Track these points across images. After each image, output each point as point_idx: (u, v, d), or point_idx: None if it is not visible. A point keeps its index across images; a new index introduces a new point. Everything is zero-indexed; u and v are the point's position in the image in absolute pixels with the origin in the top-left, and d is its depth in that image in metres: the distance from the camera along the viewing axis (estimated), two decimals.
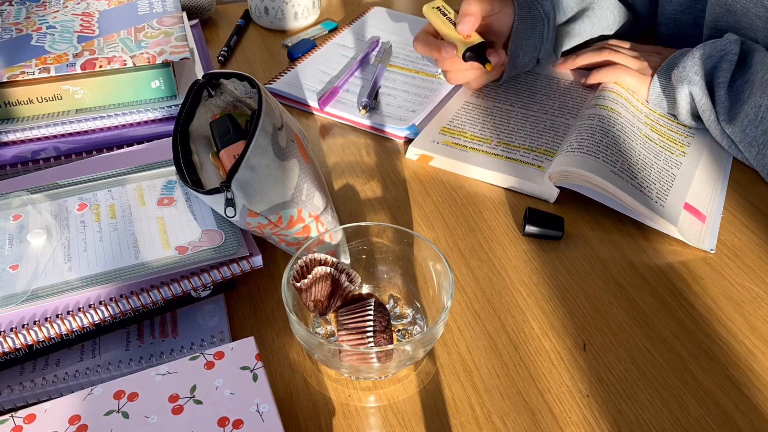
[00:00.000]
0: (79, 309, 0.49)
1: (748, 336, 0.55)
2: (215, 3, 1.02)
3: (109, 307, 0.50)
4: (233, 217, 0.53)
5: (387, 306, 0.54)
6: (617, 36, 0.87)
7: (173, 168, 0.60)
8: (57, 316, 0.49)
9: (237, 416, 0.43)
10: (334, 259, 0.53)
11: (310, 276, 0.50)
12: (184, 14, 0.78)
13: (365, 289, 0.57)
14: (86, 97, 0.67)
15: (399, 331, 0.54)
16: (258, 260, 0.55)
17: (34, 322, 0.48)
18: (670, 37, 0.87)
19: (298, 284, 0.51)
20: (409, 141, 0.76)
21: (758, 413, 0.50)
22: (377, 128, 0.78)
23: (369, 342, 0.49)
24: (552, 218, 0.64)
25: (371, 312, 0.50)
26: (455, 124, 0.77)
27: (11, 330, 0.48)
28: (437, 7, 0.78)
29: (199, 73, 0.73)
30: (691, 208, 0.65)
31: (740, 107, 0.68)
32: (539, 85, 0.83)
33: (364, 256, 0.57)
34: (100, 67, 0.66)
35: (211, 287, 0.55)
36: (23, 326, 0.48)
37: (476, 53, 0.73)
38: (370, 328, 0.49)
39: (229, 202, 0.52)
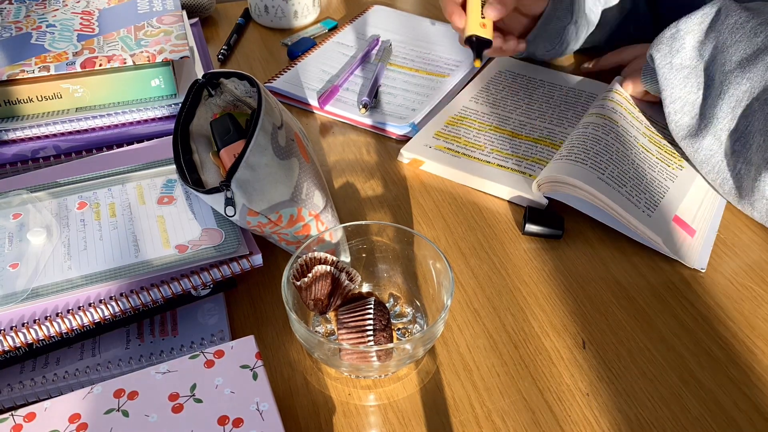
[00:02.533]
0: (79, 307, 0.49)
1: (747, 335, 0.55)
2: (215, 2, 1.02)
3: (109, 306, 0.50)
4: (233, 216, 0.53)
5: (387, 305, 0.54)
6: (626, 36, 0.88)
7: (173, 166, 0.60)
8: (57, 314, 0.49)
9: (237, 415, 0.43)
10: (334, 258, 0.53)
11: (310, 275, 0.50)
12: (184, 13, 0.78)
13: (365, 288, 0.57)
14: (86, 95, 0.67)
15: (399, 329, 0.54)
16: (258, 259, 0.55)
17: (34, 321, 0.48)
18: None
19: (298, 283, 0.51)
20: (407, 140, 0.76)
21: (758, 412, 0.50)
22: (377, 127, 0.78)
23: (369, 341, 0.49)
24: (552, 217, 0.64)
25: (371, 310, 0.50)
26: (450, 129, 0.76)
27: (11, 328, 0.48)
28: None
29: (199, 72, 0.73)
30: (681, 221, 0.63)
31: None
32: (541, 92, 0.82)
33: (364, 255, 0.57)
34: (100, 65, 0.66)
35: (211, 286, 0.55)
36: (23, 325, 0.48)
37: (477, 44, 0.73)
38: (370, 327, 0.49)
39: (229, 201, 0.52)
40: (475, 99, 0.81)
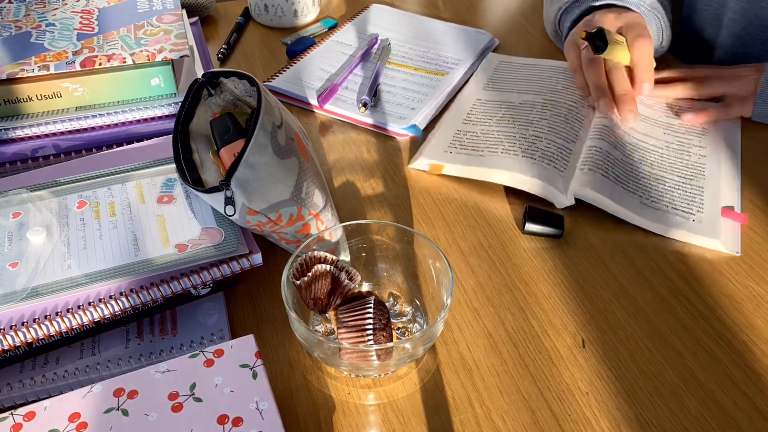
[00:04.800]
0: (78, 307, 0.49)
1: (747, 334, 0.55)
2: (215, 1, 1.02)
3: (108, 305, 0.50)
4: (233, 215, 0.53)
5: (387, 304, 0.54)
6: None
7: (173, 165, 0.60)
8: (57, 313, 0.49)
9: (237, 414, 0.43)
10: (334, 257, 0.53)
11: (309, 274, 0.51)
12: (184, 12, 0.78)
13: (365, 287, 0.57)
14: (86, 94, 0.67)
15: (399, 329, 0.54)
16: (258, 258, 0.55)
17: (34, 320, 0.48)
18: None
19: (298, 282, 0.51)
20: (406, 139, 0.76)
21: (757, 411, 0.50)
22: (377, 126, 0.78)
23: (369, 340, 0.49)
24: (552, 216, 0.64)
25: (371, 310, 0.50)
26: (468, 127, 0.75)
27: (11, 328, 0.48)
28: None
29: (199, 71, 0.73)
30: (729, 212, 0.65)
31: None
32: (556, 78, 0.81)
33: (364, 254, 0.57)
34: (100, 64, 0.66)
35: (211, 285, 0.55)
36: (23, 324, 0.48)
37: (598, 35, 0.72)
38: (370, 326, 0.49)
39: (229, 201, 0.52)
40: (487, 89, 0.82)
